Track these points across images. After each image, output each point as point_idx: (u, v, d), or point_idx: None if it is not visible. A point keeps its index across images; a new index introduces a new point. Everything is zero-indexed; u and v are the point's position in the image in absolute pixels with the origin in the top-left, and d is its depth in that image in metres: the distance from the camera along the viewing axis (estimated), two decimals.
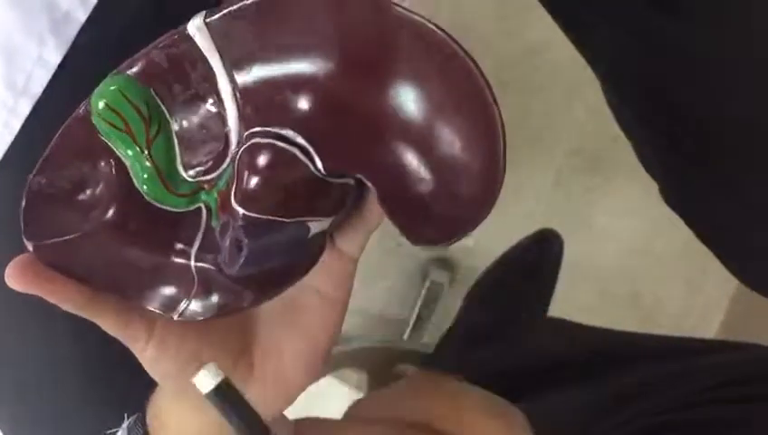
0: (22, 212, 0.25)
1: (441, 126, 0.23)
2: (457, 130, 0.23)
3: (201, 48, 0.23)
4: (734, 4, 0.35)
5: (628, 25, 0.38)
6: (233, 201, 0.24)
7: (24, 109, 0.31)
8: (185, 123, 0.25)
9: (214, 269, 0.26)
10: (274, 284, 0.27)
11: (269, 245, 0.25)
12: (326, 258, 0.28)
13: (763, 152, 0.38)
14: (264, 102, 0.24)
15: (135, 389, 0.33)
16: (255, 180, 0.24)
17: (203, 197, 0.26)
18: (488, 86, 0.22)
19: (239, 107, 0.24)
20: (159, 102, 0.24)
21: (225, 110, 0.24)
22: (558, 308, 0.86)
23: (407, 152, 0.24)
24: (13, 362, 0.38)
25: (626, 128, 0.46)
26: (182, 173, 0.26)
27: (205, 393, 0.20)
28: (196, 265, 0.26)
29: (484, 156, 0.23)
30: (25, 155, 0.26)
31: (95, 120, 0.24)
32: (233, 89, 0.24)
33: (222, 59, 0.24)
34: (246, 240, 0.25)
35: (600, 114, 0.48)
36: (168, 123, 0.25)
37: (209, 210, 0.26)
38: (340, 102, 0.23)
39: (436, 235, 0.26)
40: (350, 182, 0.26)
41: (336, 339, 0.31)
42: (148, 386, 0.33)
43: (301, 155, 0.24)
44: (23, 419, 0.40)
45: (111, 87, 0.24)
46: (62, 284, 0.26)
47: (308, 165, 0.24)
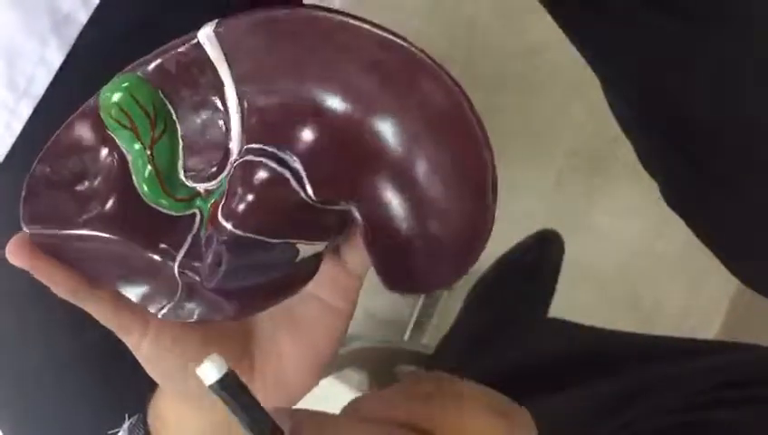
0: (22, 199, 0.26)
1: (420, 162, 0.23)
2: (440, 173, 0.23)
3: (211, 57, 0.23)
4: (734, 3, 0.35)
5: (627, 25, 0.38)
6: (219, 215, 0.24)
7: (26, 110, 0.31)
8: (191, 128, 0.25)
9: (197, 277, 0.26)
10: (260, 299, 0.27)
11: (252, 263, 0.25)
12: (332, 271, 0.28)
13: (763, 152, 0.38)
14: (268, 120, 0.24)
15: (135, 389, 0.33)
16: (244, 197, 0.24)
17: (198, 203, 0.26)
18: (481, 127, 0.22)
19: (243, 119, 0.24)
20: (168, 104, 0.24)
21: (230, 120, 0.24)
22: (558, 308, 0.86)
23: (391, 188, 0.24)
24: (13, 363, 0.38)
25: (626, 128, 0.46)
26: (182, 177, 0.26)
27: (209, 385, 0.19)
28: (179, 271, 0.26)
29: (466, 202, 0.23)
30: (27, 157, 0.26)
31: (102, 115, 0.24)
32: (239, 101, 0.24)
33: (231, 70, 0.23)
34: (227, 256, 0.24)
35: (600, 114, 0.48)
36: (175, 124, 0.25)
37: (203, 218, 0.26)
38: (343, 137, 0.23)
39: (413, 283, 0.26)
40: (350, 209, 0.25)
41: (339, 346, 0.30)
42: (149, 386, 0.33)
43: (292, 179, 0.24)
44: (23, 419, 0.40)
45: (122, 85, 0.24)
46: (58, 266, 0.26)
47: (298, 191, 0.24)
